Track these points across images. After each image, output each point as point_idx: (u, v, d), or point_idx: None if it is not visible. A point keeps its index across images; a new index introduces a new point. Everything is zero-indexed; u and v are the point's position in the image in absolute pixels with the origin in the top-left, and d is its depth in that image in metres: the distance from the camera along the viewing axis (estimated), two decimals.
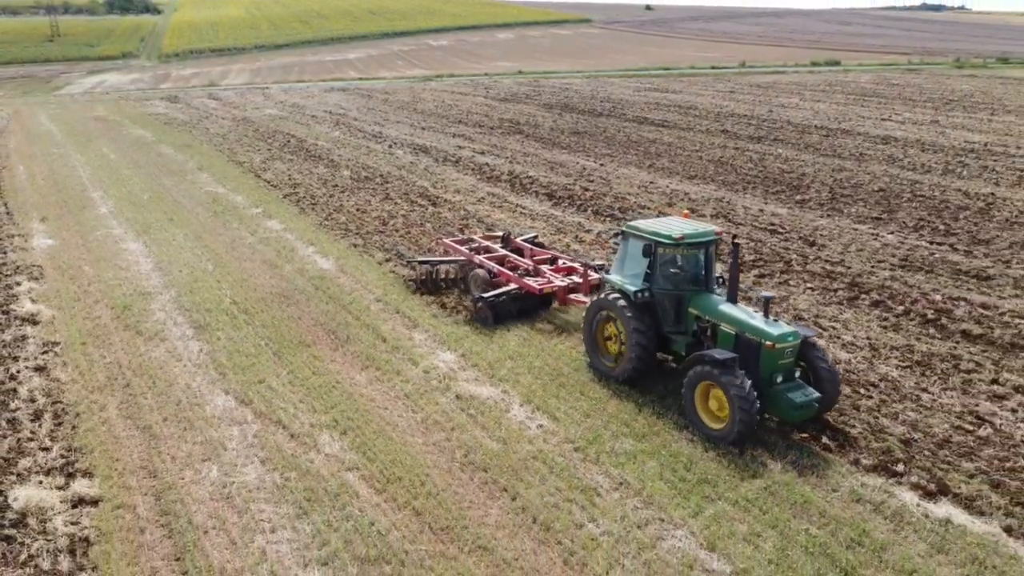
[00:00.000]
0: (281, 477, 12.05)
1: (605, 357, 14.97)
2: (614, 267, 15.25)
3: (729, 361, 12.31)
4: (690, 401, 12.98)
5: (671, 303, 14.11)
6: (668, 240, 13.61)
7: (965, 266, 21.85)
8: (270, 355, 16.30)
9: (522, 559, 10.29)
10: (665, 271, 14.11)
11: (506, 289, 17.97)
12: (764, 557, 10.27)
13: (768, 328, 12.68)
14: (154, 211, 28.19)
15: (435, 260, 20.27)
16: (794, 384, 12.72)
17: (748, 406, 11.99)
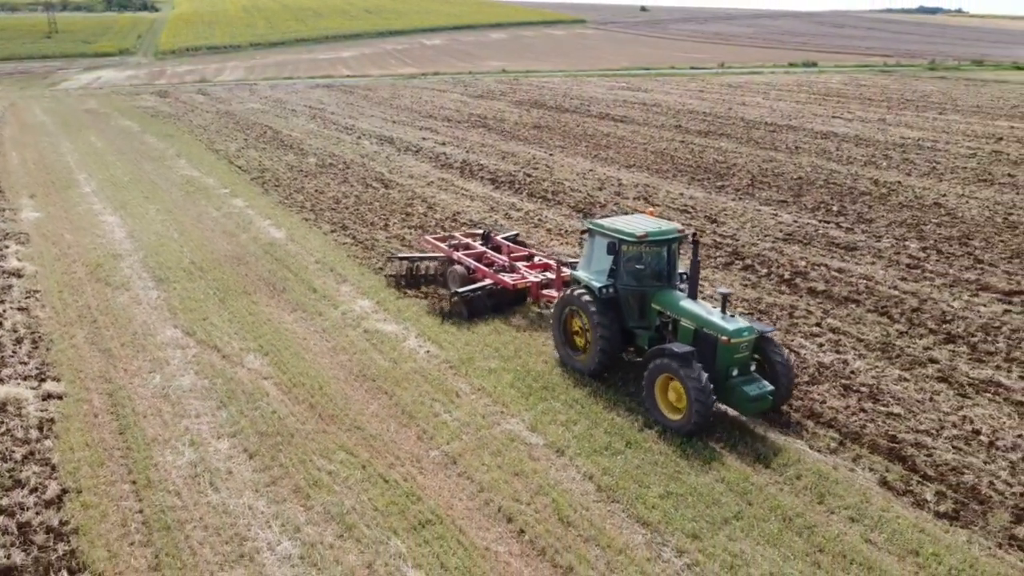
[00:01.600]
0: (209, 383, 15.36)
1: (573, 351, 15.58)
2: (581, 264, 15.98)
3: (687, 355, 12.83)
4: (650, 393, 13.53)
5: (635, 299, 14.71)
6: (631, 238, 14.17)
7: (841, 240, 25.10)
8: (216, 301, 19.61)
9: (385, 435, 13.58)
10: (629, 268, 14.61)
11: (481, 284, 18.62)
12: (571, 435, 13.54)
13: (725, 324, 13.23)
14: (132, 191, 31.52)
15: (415, 256, 21.08)
16: (749, 377, 13.36)
17: (704, 398, 12.52)
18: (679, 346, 13.21)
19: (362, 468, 12.56)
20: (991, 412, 14.51)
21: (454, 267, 20.00)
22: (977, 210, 28.91)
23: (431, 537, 10.95)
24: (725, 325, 13.25)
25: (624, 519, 11.42)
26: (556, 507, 11.62)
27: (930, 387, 15.47)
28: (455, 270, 19.87)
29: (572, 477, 12.41)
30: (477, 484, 12.19)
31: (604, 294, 14.65)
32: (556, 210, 28.73)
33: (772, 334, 13.82)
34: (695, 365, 12.79)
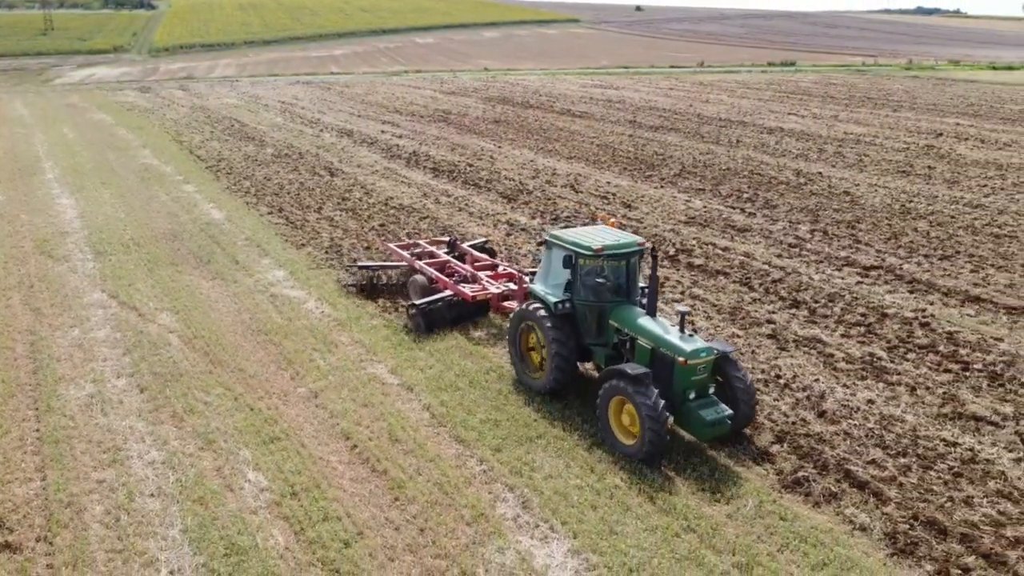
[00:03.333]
0: (121, 335, 17.63)
1: (528, 368, 15.02)
2: (537, 277, 15.44)
3: (642, 377, 12.28)
4: (604, 415, 12.95)
5: (592, 315, 14.14)
6: (588, 251, 13.64)
7: (738, 223, 27.31)
8: (145, 271, 21.91)
9: (262, 375, 15.85)
10: (586, 282, 14.06)
11: (440, 296, 18.12)
12: (424, 376, 15.79)
13: (682, 344, 12.67)
14: (92, 177, 33.85)
15: (375, 265, 20.52)
16: (707, 401, 12.78)
17: (658, 425, 11.98)
18: (633, 367, 12.56)
19: (234, 400, 14.82)
20: (799, 362, 16.72)
21: (415, 277, 19.38)
22: (880, 198, 31.09)
23: (276, 449, 13.20)
24: (683, 345, 12.64)
25: (445, 438, 13.66)
26: (390, 429, 13.86)
27: (757, 342, 17.69)
28: (416, 280, 19.25)
29: (412, 408, 14.65)
30: (329, 412, 14.45)
31: (560, 309, 14.13)
32: (484, 196, 30.98)
33: (733, 354, 13.34)
34: (650, 388, 12.19)
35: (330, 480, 12.41)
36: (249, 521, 11.38)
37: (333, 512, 11.59)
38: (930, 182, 34.16)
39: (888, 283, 21.51)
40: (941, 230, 26.65)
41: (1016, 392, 15.49)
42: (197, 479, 12.37)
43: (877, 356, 17.00)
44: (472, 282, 18.90)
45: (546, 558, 10.75)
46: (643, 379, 12.34)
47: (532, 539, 11.13)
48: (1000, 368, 16.45)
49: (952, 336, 18.05)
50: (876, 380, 15.94)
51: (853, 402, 15.02)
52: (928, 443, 13.61)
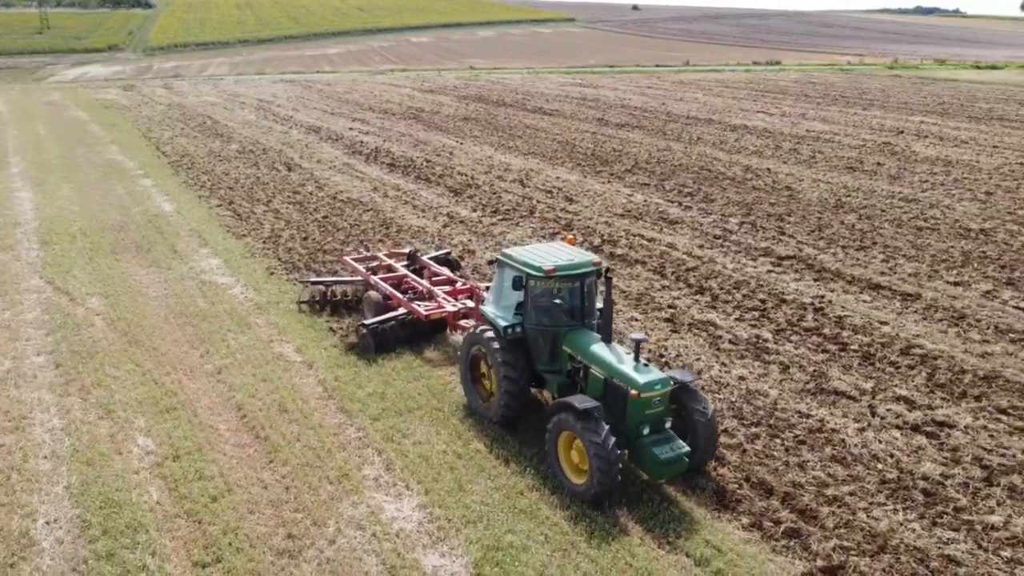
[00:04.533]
0: (49, 317, 18.72)
1: (480, 396, 14.20)
2: (488, 298, 14.55)
3: (591, 411, 11.41)
4: (553, 452, 12.16)
5: (545, 340, 13.29)
6: (539, 272, 12.81)
7: (671, 216, 28.32)
8: (85, 259, 23.00)
9: (173, 353, 16.91)
10: (538, 305, 13.21)
11: (393, 315, 17.24)
12: (326, 355, 16.84)
13: (635, 375, 11.80)
14: (55, 172, 34.98)
15: (329, 281, 19.76)
16: (662, 436, 11.88)
17: (607, 464, 11.12)
18: (582, 400, 11.67)
19: (142, 375, 15.89)
20: (687, 343, 17.75)
21: (369, 293, 18.51)
22: (819, 193, 32.08)
23: (170, 418, 14.26)
24: (636, 376, 11.76)
25: (331, 410, 14.71)
26: (281, 401, 14.92)
27: (653, 325, 18.72)
28: (370, 296, 18.36)
29: (307, 383, 15.71)
30: (228, 386, 15.51)
31: (510, 334, 13.27)
32: (433, 190, 32.05)
33: (694, 383, 12.51)
34: (599, 423, 11.33)
35: (213, 445, 13.47)
36: (129, 480, 12.45)
37: (208, 472, 12.64)
38: (874, 178, 35.14)
39: (798, 272, 22.52)
40: (867, 223, 27.63)
41: (883, 371, 16.50)
42: (90, 443, 13.44)
43: (763, 338, 18.02)
44: (429, 299, 17.89)
45: (395, 512, 11.79)
46: (592, 413, 11.39)
47: (387, 496, 12.17)
48: (875, 349, 17.46)
49: (840, 320, 19.06)
50: (754, 359, 16.95)
51: (725, 379, 16.04)
52: (782, 415, 14.64)
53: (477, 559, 10.75)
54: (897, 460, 13.26)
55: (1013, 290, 21.21)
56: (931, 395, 15.47)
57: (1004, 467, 13.06)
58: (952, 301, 20.30)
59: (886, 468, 13.02)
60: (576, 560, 10.77)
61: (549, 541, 11.14)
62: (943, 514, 11.91)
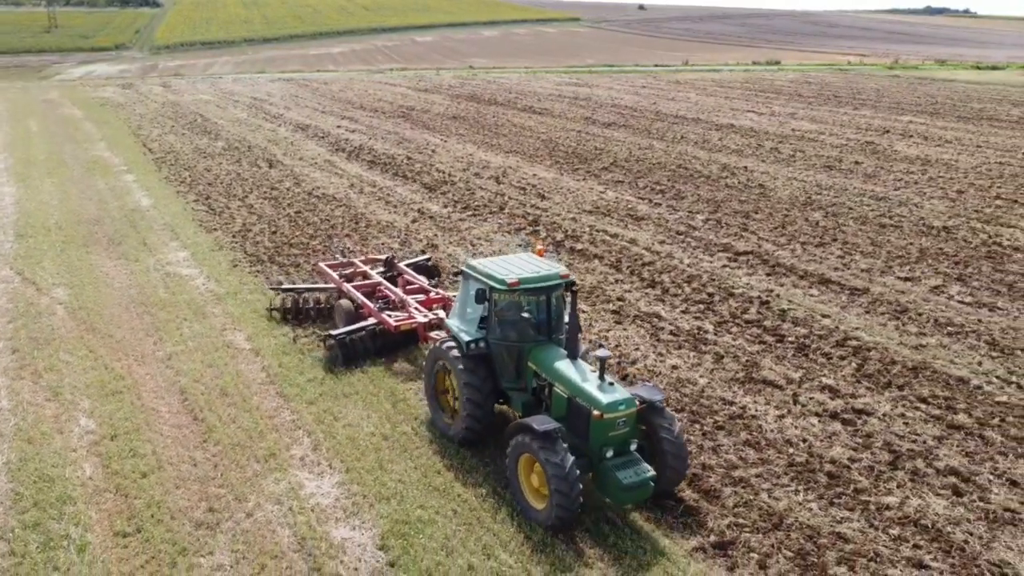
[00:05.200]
0: (13, 305, 19.42)
1: (444, 413, 13.67)
2: (453, 310, 14.05)
3: (550, 433, 10.92)
4: (514, 475, 11.61)
5: (510, 355, 12.75)
6: (502, 285, 12.29)
7: (639, 212, 28.82)
8: (56, 251, 23.71)
9: (128, 341, 17.55)
10: (502, 319, 12.73)
11: (361, 325, 16.72)
12: (275, 343, 17.44)
13: (599, 394, 11.27)
14: (40, 168, 35.79)
15: (300, 288, 19.15)
16: (627, 459, 11.32)
17: (567, 487, 10.60)
18: (542, 421, 11.19)
19: (94, 361, 16.54)
20: (628, 334, 18.27)
21: (341, 301, 17.98)
22: (791, 191, 32.51)
23: (114, 401, 14.89)
24: (599, 396, 11.23)
25: (270, 394, 15.32)
26: (223, 386, 15.53)
27: (599, 316, 19.25)
28: (341, 305, 17.78)
29: (252, 369, 16.33)
30: (175, 371, 16.14)
31: (473, 349, 12.74)
32: (408, 187, 32.66)
33: (662, 402, 11.85)
34: (559, 446, 10.85)
35: (151, 426, 14.09)
36: (66, 457, 13.08)
37: (142, 451, 13.27)
38: (848, 176, 35.53)
39: (752, 267, 23.00)
40: (832, 220, 28.07)
41: (814, 361, 16.98)
42: (34, 423, 14.09)
43: (703, 330, 18.53)
44: (401, 308, 17.36)
45: (314, 488, 12.38)
46: (551, 435, 10.91)
47: (309, 474, 12.76)
48: (811, 341, 17.94)
49: (784, 313, 19.54)
50: (691, 350, 17.47)
51: (658, 368, 16.56)
52: (707, 402, 15.15)
53: (384, 532, 11.32)
54: (809, 445, 13.75)
55: (961, 285, 21.63)
56: (856, 385, 15.95)
57: (912, 452, 13.54)
58: (899, 296, 20.74)
59: (796, 452, 13.52)
60: (479, 533, 11.32)
61: (456, 516, 11.70)
62: (842, 495, 12.41)
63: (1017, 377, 16.32)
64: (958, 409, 15.00)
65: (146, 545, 11.04)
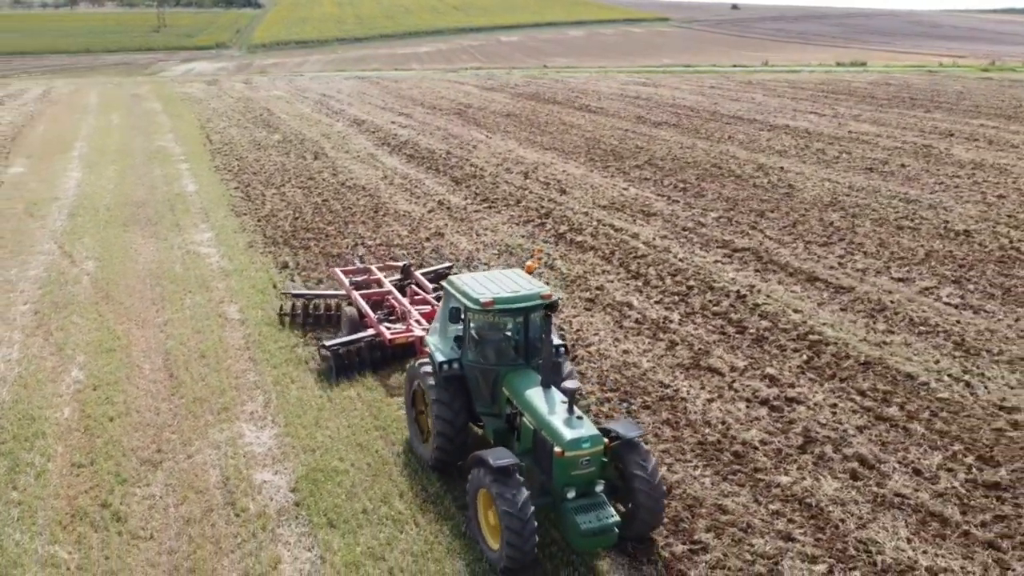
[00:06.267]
0: (47, 275, 21.90)
1: (420, 435, 13.13)
2: (433, 327, 13.56)
3: (506, 468, 10.18)
4: (473, 511, 10.97)
5: (485, 378, 12.12)
6: (475, 305, 11.65)
7: (652, 209, 29.41)
8: (98, 229, 26.30)
9: (135, 308, 19.62)
10: (476, 340, 12.19)
11: (360, 335, 16.54)
12: (262, 314, 19.15)
13: (563, 429, 10.55)
14: (109, 156, 39.14)
15: (309, 294, 19.06)
16: (591, 502, 10.54)
17: (519, 526, 9.87)
18: (499, 455, 10.46)
19: (100, 323, 18.64)
20: (595, 320, 19.12)
21: (347, 308, 17.92)
22: (819, 192, 32.33)
23: (106, 357, 16.86)
24: (562, 431, 10.51)
25: (242, 358, 16.97)
26: (203, 349, 17.30)
27: (572, 302, 20.16)
28: (347, 312, 17.70)
29: (234, 336, 18.05)
30: (166, 335, 18.04)
31: (445, 370, 12.17)
32: (436, 179, 34.18)
33: (640, 438, 11.02)
34: (512, 482, 10.13)
35: (131, 379, 15.95)
36: (51, 401, 15.05)
37: (116, 399, 15.11)
38: (887, 179, 34.94)
39: (745, 263, 23.36)
40: (848, 221, 27.91)
41: (767, 352, 17.44)
42: (34, 373, 16.17)
43: (669, 319, 19.19)
44: (402, 320, 17.02)
45: (253, 438, 13.89)
46: (507, 471, 10.17)
47: (252, 427, 14.29)
48: (772, 334, 18.35)
49: (756, 307, 19.95)
50: (650, 337, 18.19)
51: (611, 351, 17.39)
52: (642, 384, 15.92)
53: (299, 477, 12.70)
54: (727, 427, 14.36)
55: (956, 288, 21.43)
56: (799, 376, 16.35)
57: (826, 439, 13.97)
58: (883, 295, 20.77)
59: (711, 433, 14.16)
60: (381, 483, 12.57)
61: (368, 468, 12.98)
62: (738, 472, 13.03)
63: (970, 376, 16.35)
64: (893, 403, 15.26)
65: (94, 475, 12.76)
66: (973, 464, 13.29)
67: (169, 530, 11.54)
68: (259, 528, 11.55)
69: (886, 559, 11.06)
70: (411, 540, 11.31)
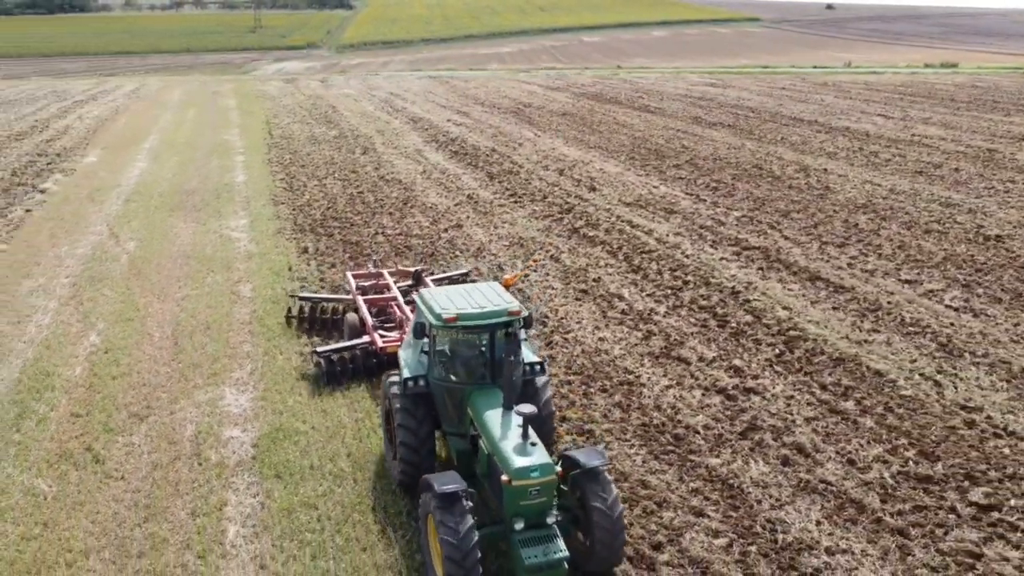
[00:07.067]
0: (92, 252, 24.17)
1: (392, 450, 12.76)
2: (405, 341, 13.43)
3: (451, 495, 9.74)
4: (424, 536, 10.61)
5: (451, 398, 11.74)
6: (438, 321, 11.32)
7: (676, 207, 29.79)
8: (147, 214, 28.63)
9: (160, 284, 21.53)
10: (440, 357, 11.75)
11: (354, 343, 16.53)
12: (271, 292, 20.73)
13: (512, 456, 10.17)
14: (174, 149, 42.03)
15: (316, 297, 19.23)
16: (540, 534, 10.10)
17: (459, 556, 9.44)
18: (444, 480, 9.99)
19: (126, 296, 20.61)
20: (581, 309, 19.89)
21: (348, 315, 17.94)
22: (854, 194, 31.98)
23: (122, 326, 18.72)
24: (511, 459, 10.14)
25: (244, 332, 18.50)
26: (210, 322, 18.95)
27: (568, 293, 20.98)
28: (348, 318, 17.72)
29: (241, 312, 19.64)
30: (181, 308, 19.82)
31: (410, 387, 11.87)
32: (472, 174, 35.40)
33: (603, 467, 10.44)
34: (457, 509, 9.69)
35: (139, 346, 17.72)
36: (67, 361, 16.93)
37: (123, 362, 16.87)
38: (933, 182, 34.19)
39: (751, 261, 23.62)
40: (875, 223, 27.65)
41: (741, 345, 17.85)
42: (59, 337, 18.15)
43: (654, 311, 19.79)
44: (400, 328, 16.84)
45: (231, 400, 15.35)
46: (452, 498, 9.73)
47: (235, 390, 15.77)
48: (752, 328, 18.72)
49: (746, 303, 20.29)
50: (630, 327, 18.85)
51: (587, 339, 18.16)
52: (607, 369, 16.66)
53: (262, 435, 14.05)
54: (676, 411, 14.97)
55: (964, 291, 21.19)
56: (766, 368, 16.75)
57: (771, 427, 14.42)
58: (883, 296, 20.76)
59: (659, 416, 14.81)
60: (335, 443, 13.81)
61: (327, 431, 14.22)
62: (671, 452, 13.66)
63: (943, 376, 16.39)
64: (852, 397, 15.51)
65: (87, 424, 14.45)
66: (912, 458, 13.52)
67: (139, 473, 13.05)
68: (215, 476, 12.93)
69: (788, 538, 11.55)
70: (345, 493, 12.47)
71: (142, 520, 11.87)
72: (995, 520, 11.95)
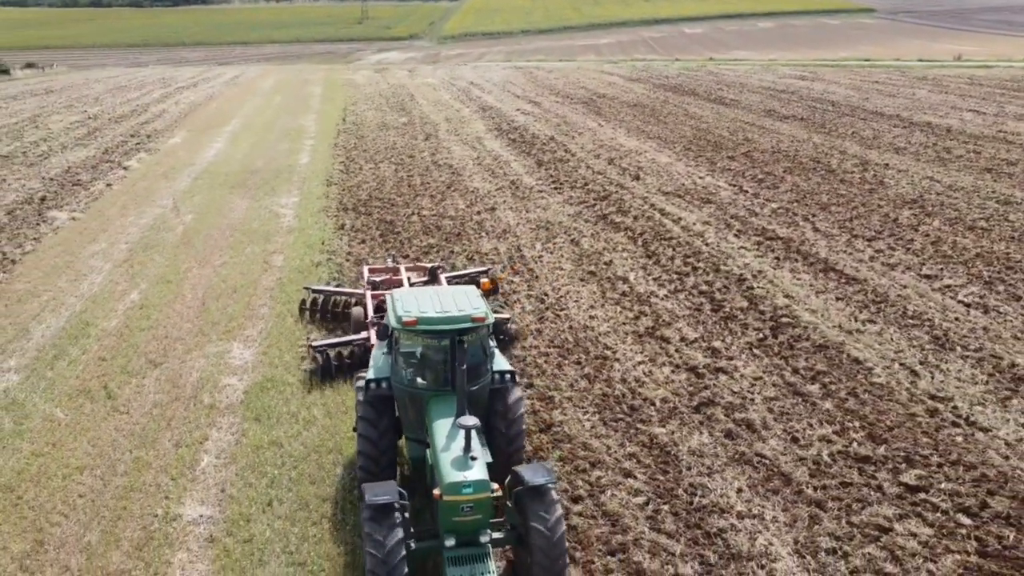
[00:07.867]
0: (153, 223, 26.72)
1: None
2: (377, 341, 13.30)
3: (381, 507, 9.41)
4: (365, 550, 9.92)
5: (412, 403, 11.53)
6: (398, 324, 11.15)
7: (713, 198, 30.02)
8: (210, 190, 31.17)
9: (204, 251, 23.70)
10: (402, 361, 11.59)
11: (352, 338, 16.67)
12: (300, 262, 22.59)
13: (446, 470, 9.88)
14: (251, 132, 44.99)
15: (328, 290, 19.28)
16: (471, 552, 9.87)
17: (383, 571, 9.16)
18: (377, 491, 9.62)
19: (172, 261, 22.89)
20: (582, 290, 20.80)
21: (354, 308, 17.93)
22: (907, 189, 31.35)
23: (161, 286, 20.90)
24: (445, 472, 9.87)
25: (265, 297, 20.34)
26: (237, 287, 20.88)
27: (578, 275, 21.89)
28: (354, 312, 17.75)
29: (268, 280, 21.51)
30: (215, 273, 21.88)
31: (372, 390, 11.69)
32: (523, 162, 36.54)
33: (549, 486, 9.92)
34: (387, 523, 9.38)
35: (170, 304, 19.81)
36: (107, 315, 19.17)
37: (154, 317, 18.97)
38: (998, 180, 32.97)
39: (771, 250, 23.85)
40: (918, 219, 27.21)
41: (727, 328, 18.37)
42: (106, 293, 20.49)
43: (654, 294, 20.48)
44: None
45: (237, 355, 17.13)
46: (384, 509, 9.41)
47: (242, 345, 17.55)
48: (744, 313, 19.17)
49: (749, 290, 20.68)
50: (626, 308, 19.63)
51: (578, 316, 19.08)
52: (587, 344, 17.55)
53: (253, 384, 15.73)
54: (640, 384, 15.76)
55: (982, 288, 20.88)
56: (744, 352, 17.24)
57: (726, 404, 15.02)
58: (893, 289, 20.71)
59: (623, 389, 15.63)
60: (315, 394, 15.33)
61: (311, 383, 15.76)
62: (621, 420, 14.50)
63: (924, 367, 16.50)
64: (819, 382, 15.88)
65: (108, 367, 16.52)
66: (857, 439, 13.90)
67: (141, 409, 14.93)
68: (203, 416, 14.67)
69: (704, 501, 12.27)
70: (312, 436, 13.96)
71: (134, 447, 13.69)
72: (919, 500, 12.29)
